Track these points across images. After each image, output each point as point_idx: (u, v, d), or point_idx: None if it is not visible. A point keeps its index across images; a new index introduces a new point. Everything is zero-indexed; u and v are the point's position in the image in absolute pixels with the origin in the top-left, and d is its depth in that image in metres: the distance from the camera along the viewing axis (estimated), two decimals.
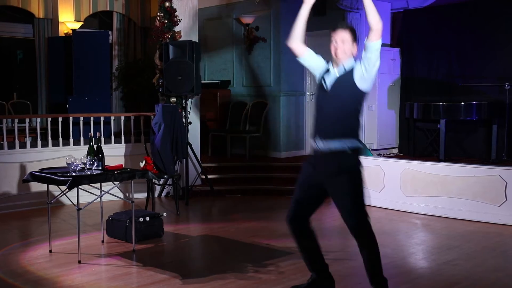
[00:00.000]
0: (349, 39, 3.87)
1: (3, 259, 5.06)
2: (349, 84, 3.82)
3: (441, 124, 8.29)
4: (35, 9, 11.13)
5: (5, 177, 7.26)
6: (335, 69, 3.93)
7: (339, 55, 3.88)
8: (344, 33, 3.88)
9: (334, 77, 3.90)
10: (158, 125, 7.12)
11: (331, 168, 3.80)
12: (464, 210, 6.58)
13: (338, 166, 3.78)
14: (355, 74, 3.82)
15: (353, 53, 3.91)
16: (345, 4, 8.84)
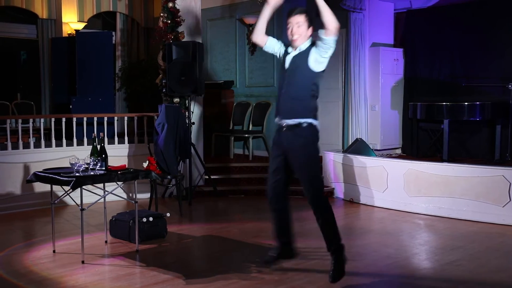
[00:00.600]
0: (304, 22, 4.16)
1: (6, 259, 5.08)
2: (303, 64, 4.13)
3: (444, 125, 8.28)
4: (38, 9, 11.16)
5: (8, 177, 7.28)
6: (293, 51, 4.25)
7: (295, 38, 4.18)
8: (299, 17, 4.18)
9: (291, 57, 4.22)
10: (162, 126, 7.12)
11: (289, 141, 4.18)
12: (468, 210, 6.57)
13: (294, 139, 4.16)
14: (310, 56, 4.13)
15: (308, 36, 4.18)
16: (348, 4, 8.84)
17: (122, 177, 5.06)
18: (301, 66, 4.13)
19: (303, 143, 4.15)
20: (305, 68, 4.13)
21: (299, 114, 4.13)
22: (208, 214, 7.43)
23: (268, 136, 9.64)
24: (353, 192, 7.79)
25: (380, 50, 9.14)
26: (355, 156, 7.83)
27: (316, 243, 5.55)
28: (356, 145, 8.25)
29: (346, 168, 7.90)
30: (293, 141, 4.16)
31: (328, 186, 8.20)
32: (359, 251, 5.36)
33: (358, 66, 9.04)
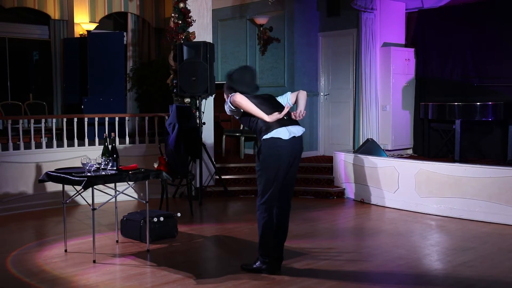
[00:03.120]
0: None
1: (19, 258, 5.11)
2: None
3: (456, 125, 8.23)
4: (51, 10, 11.24)
5: (21, 177, 7.34)
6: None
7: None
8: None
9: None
10: (172, 126, 7.14)
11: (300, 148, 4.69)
12: (480, 211, 6.53)
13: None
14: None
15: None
16: (359, 4, 8.81)
17: (133, 177, 5.08)
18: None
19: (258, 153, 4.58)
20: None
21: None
22: (219, 214, 7.44)
23: None
24: (364, 192, 7.76)
25: (391, 50, 9.10)
26: (366, 157, 7.81)
27: (326, 244, 5.56)
28: (367, 145, 8.22)
29: (357, 169, 7.88)
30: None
31: (339, 186, 8.18)
32: (370, 252, 5.34)
33: (369, 66, 9.01)
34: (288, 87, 9.61)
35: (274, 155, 4.43)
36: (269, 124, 4.43)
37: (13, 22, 11.41)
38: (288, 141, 4.44)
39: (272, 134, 4.44)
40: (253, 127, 4.58)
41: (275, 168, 4.44)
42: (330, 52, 9.84)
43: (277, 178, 4.47)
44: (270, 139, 4.44)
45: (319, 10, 9.82)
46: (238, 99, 4.46)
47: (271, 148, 4.44)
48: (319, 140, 9.98)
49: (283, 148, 4.43)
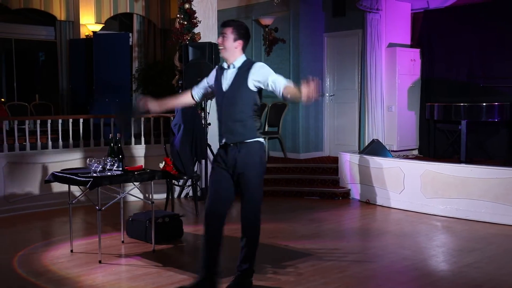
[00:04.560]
0: (230, 35, 4.00)
1: (25, 258, 5.13)
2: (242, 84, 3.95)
3: (462, 125, 8.22)
4: (57, 11, 11.29)
5: (27, 177, 7.37)
6: (228, 70, 4.05)
7: (220, 49, 4.04)
8: (225, 29, 4.02)
9: (228, 79, 4.03)
10: (178, 126, 7.15)
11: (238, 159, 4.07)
12: (486, 212, 6.50)
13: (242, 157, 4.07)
14: (248, 78, 3.94)
15: (236, 49, 4.01)
16: (364, 4, 8.80)
17: (139, 178, 5.09)
18: (240, 86, 3.95)
19: (251, 156, 4.00)
20: (245, 88, 3.95)
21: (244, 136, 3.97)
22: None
23: (284, 136, 9.64)
24: (370, 193, 7.75)
25: (397, 51, 9.09)
26: (372, 157, 7.80)
27: (332, 244, 5.55)
28: (372, 146, 8.21)
29: (362, 169, 7.87)
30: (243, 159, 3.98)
31: (344, 187, 8.18)
32: (376, 253, 5.34)
33: (375, 66, 9.00)
34: None
35: (265, 161, 4.11)
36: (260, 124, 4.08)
37: (20, 23, 11.47)
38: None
39: (262, 138, 4.10)
40: (246, 119, 3.97)
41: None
42: (336, 53, 9.83)
43: None
44: (262, 144, 4.08)
45: (324, 11, 9.81)
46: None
47: (264, 153, 4.11)
48: (325, 141, 9.97)
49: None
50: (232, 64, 4.03)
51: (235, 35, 4.00)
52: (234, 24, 4.04)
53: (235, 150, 3.98)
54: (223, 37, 4.00)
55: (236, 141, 3.97)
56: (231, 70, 4.04)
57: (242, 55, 4.05)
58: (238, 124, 3.96)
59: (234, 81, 3.98)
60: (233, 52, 4.01)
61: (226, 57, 4.03)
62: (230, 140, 3.99)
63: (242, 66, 4.00)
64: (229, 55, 4.01)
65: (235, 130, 3.97)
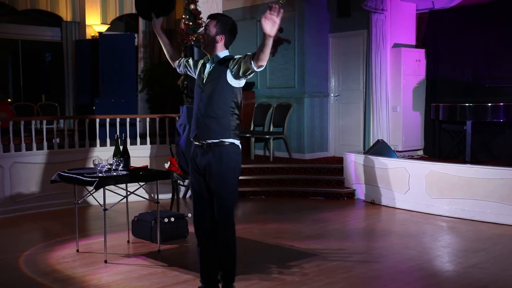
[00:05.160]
0: (213, 28, 3.83)
1: (31, 258, 5.16)
2: (219, 78, 3.80)
3: (467, 126, 8.20)
4: (63, 12, 11.33)
5: (33, 177, 7.40)
6: (208, 63, 3.93)
7: (202, 42, 3.91)
8: (209, 22, 3.88)
9: (207, 71, 3.90)
10: (183, 127, 7.17)
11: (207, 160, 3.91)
12: (491, 212, 6.49)
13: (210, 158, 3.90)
14: (228, 70, 3.77)
15: (218, 43, 3.85)
16: (369, 5, 8.80)
17: (144, 178, 5.11)
18: (216, 81, 3.80)
19: (225, 162, 3.81)
20: (220, 84, 3.80)
21: (218, 134, 3.79)
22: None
23: (289, 137, 9.65)
24: (374, 193, 7.75)
25: (402, 51, 9.08)
26: (377, 158, 7.79)
27: (337, 245, 5.55)
28: (377, 146, 8.20)
29: (367, 170, 7.87)
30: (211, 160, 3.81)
31: (349, 187, 8.18)
32: (381, 253, 5.34)
33: (380, 67, 8.99)
34: (298, 88, 9.62)
35: (239, 165, 3.92)
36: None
37: (26, 24, 11.52)
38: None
39: (238, 139, 3.88)
40: (222, 115, 3.78)
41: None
42: (341, 53, 9.83)
43: None
44: (238, 147, 3.87)
45: (329, 11, 9.82)
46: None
47: (239, 156, 3.90)
48: (329, 141, 9.97)
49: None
50: (212, 58, 3.89)
51: (217, 28, 3.82)
52: (219, 17, 3.88)
53: (208, 153, 3.80)
54: (205, 29, 3.86)
55: (208, 138, 3.78)
56: (210, 64, 3.90)
57: (225, 50, 3.88)
58: (213, 120, 3.78)
59: (211, 75, 3.83)
60: (214, 46, 3.84)
61: (206, 51, 3.89)
62: (203, 136, 3.81)
63: (222, 61, 3.83)
64: (210, 48, 3.86)
65: (208, 126, 3.78)
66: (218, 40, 3.83)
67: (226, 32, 3.85)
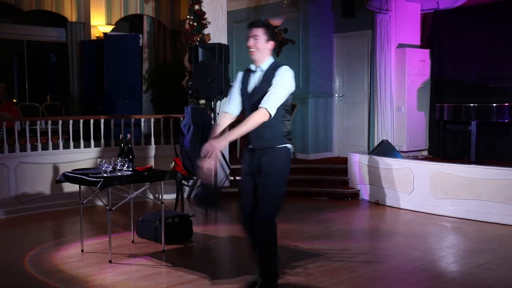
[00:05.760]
0: (263, 35, 3.87)
1: (36, 258, 5.18)
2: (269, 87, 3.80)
3: (472, 126, 8.18)
4: (68, 13, 11.36)
5: (38, 177, 7.43)
6: (256, 73, 3.95)
7: (252, 51, 3.90)
8: (257, 30, 3.89)
9: (255, 79, 3.93)
10: (188, 127, 7.18)
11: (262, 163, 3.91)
12: (496, 213, 6.48)
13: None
14: (275, 77, 3.81)
15: (268, 51, 3.92)
16: (374, 5, 8.79)
17: (149, 178, 5.12)
18: (266, 90, 3.79)
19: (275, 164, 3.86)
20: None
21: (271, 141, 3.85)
22: (233, 215, 7.45)
23: (293, 137, 9.61)
24: (379, 194, 7.74)
25: (407, 51, 9.07)
26: (381, 158, 7.79)
27: (341, 245, 5.55)
28: (382, 146, 8.19)
29: (371, 170, 7.86)
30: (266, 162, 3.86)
31: (353, 187, 8.17)
32: (386, 254, 5.33)
33: (384, 67, 8.99)
34: (302, 88, 9.62)
35: (289, 168, 3.97)
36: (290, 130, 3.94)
37: (31, 25, 11.55)
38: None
39: (291, 144, 3.95)
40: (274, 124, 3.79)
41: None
42: (345, 54, 9.82)
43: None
44: (289, 150, 3.92)
45: (333, 12, 9.81)
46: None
47: (289, 160, 3.93)
48: (334, 142, 9.97)
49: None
50: (259, 66, 3.92)
51: (267, 36, 3.89)
52: (264, 25, 3.93)
53: (259, 154, 3.86)
54: (255, 38, 3.86)
55: (263, 147, 3.85)
56: (258, 72, 3.93)
57: (271, 57, 3.95)
58: (266, 130, 3.80)
59: (260, 84, 3.86)
60: (265, 54, 3.91)
61: (257, 59, 3.90)
62: (258, 146, 3.87)
63: (269, 69, 3.89)
64: (261, 56, 3.89)
65: (262, 135, 3.82)
66: (269, 47, 3.91)
67: (273, 38, 3.93)
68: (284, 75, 3.82)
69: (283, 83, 3.80)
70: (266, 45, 3.89)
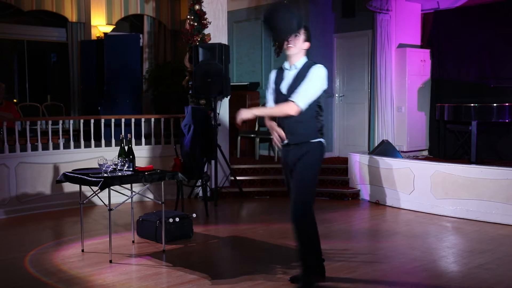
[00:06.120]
0: (301, 35, 4.08)
1: (37, 258, 5.18)
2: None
3: (472, 126, 8.18)
4: (68, 13, 11.37)
5: (39, 177, 7.43)
6: (289, 71, 4.16)
7: (289, 46, 4.09)
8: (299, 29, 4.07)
9: (289, 77, 4.13)
10: (188, 127, 7.18)
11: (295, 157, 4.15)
12: (496, 213, 6.47)
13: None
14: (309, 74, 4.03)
15: (303, 50, 4.13)
16: (374, 5, 8.79)
17: (149, 178, 5.12)
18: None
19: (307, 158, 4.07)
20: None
21: (305, 136, 4.06)
22: (234, 215, 7.47)
23: None
24: (379, 194, 7.74)
25: (407, 51, 9.07)
26: (381, 158, 7.79)
27: (341, 245, 5.55)
28: (382, 146, 8.20)
29: (372, 170, 7.86)
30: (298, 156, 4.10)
31: (354, 187, 8.17)
32: (386, 254, 5.33)
33: (385, 67, 8.99)
34: None
35: (322, 161, 4.19)
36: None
37: (32, 25, 11.56)
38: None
39: (323, 138, 4.17)
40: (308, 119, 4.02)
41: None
42: (345, 54, 9.82)
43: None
44: (323, 145, 4.15)
45: (334, 12, 9.81)
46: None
47: (322, 153, 4.17)
48: (334, 142, 9.97)
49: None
50: (294, 65, 4.12)
51: (305, 36, 4.10)
52: (305, 26, 4.13)
53: (295, 150, 4.06)
54: (295, 35, 4.04)
55: (298, 142, 4.05)
56: (292, 71, 4.13)
57: (305, 57, 4.16)
58: (300, 125, 4.03)
59: (294, 82, 4.05)
60: (300, 53, 4.12)
61: (292, 56, 4.11)
62: (292, 141, 4.08)
63: (303, 67, 4.09)
64: (296, 55, 4.10)
65: (297, 131, 4.04)
66: (305, 47, 4.14)
67: (309, 40, 4.16)
68: (317, 73, 4.04)
69: (314, 79, 4.01)
70: (302, 44, 4.10)
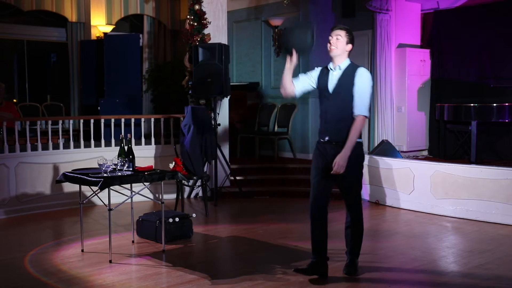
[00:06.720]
0: (344, 37, 4.31)
1: (36, 258, 5.18)
2: (348, 87, 4.26)
3: (472, 126, 8.18)
4: (68, 13, 11.37)
5: (39, 177, 7.43)
6: (334, 72, 4.37)
7: (332, 48, 4.32)
8: (340, 32, 4.33)
9: (334, 78, 4.35)
10: (188, 127, 7.18)
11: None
12: (496, 213, 6.47)
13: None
14: (356, 79, 4.25)
15: (346, 52, 4.35)
16: (374, 5, 8.79)
17: (149, 178, 5.12)
18: (345, 88, 4.26)
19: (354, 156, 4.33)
20: (350, 90, 4.26)
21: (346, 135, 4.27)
22: (234, 215, 7.46)
23: (293, 137, 9.65)
24: (379, 194, 7.74)
25: (407, 51, 9.07)
26: (381, 158, 7.78)
27: (341, 245, 5.54)
28: (382, 146, 8.19)
29: (372, 170, 7.86)
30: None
31: None
32: (386, 254, 5.33)
33: (384, 67, 8.99)
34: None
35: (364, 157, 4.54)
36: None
37: (31, 25, 11.56)
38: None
39: (360, 138, 4.42)
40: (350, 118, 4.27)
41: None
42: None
43: None
44: (361, 144, 4.44)
45: (334, 12, 9.80)
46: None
47: (363, 151, 4.52)
48: None
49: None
50: (338, 66, 4.33)
51: (348, 38, 4.31)
52: (347, 28, 4.34)
53: (337, 147, 4.26)
54: (337, 38, 4.27)
55: (340, 139, 4.26)
56: (336, 71, 4.33)
57: (348, 59, 4.35)
58: (343, 123, 4.26)
59: (340, 83, 4.28)
60: (343, 54, 4.32)
61: (336, 57, 4.31)
62: (334, 138, 4.31)
63: (347, 69, 4.30)
64: (339, 56, 4.31)
65: (340, 128, 4.27)
66: (347, 49, 4.33)
67: (352, 42, 4.36)
68: (363, 78, 4.26)
69: (364, 85, 4.26)
70: (345, 46, 4.31)
